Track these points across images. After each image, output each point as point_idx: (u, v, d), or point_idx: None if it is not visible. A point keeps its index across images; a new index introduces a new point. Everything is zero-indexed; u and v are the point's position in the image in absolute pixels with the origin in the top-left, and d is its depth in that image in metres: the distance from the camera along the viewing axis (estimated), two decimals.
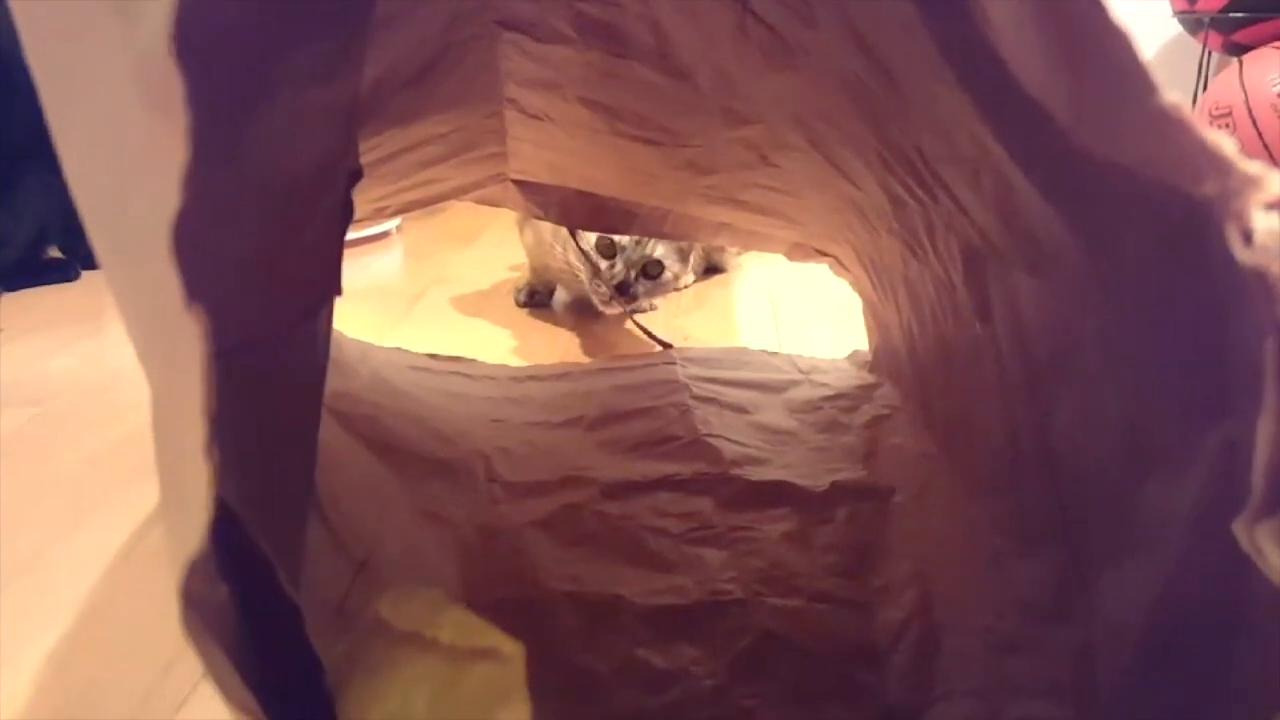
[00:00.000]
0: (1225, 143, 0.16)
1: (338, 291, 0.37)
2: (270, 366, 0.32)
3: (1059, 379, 0.40)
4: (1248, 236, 0.16)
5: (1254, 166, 0.16)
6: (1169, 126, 0.16)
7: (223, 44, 0.16)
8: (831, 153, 0.57)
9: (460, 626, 0.31)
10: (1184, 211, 0.17)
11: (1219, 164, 0.16)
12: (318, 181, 0.33)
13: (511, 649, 0.30)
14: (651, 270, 1.06)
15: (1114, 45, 0.16)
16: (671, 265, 1.09)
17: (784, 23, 0.45)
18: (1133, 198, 0.21)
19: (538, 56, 0.63)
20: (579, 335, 1.08)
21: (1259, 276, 0.16)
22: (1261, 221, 0.16)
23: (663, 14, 0.55)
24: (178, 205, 0.14)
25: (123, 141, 0.15)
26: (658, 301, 1.17)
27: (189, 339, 0.14)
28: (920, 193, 0.46)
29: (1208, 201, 0.16)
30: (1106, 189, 0.23)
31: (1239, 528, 0.18)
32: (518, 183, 0.87)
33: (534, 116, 0.72)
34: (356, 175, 0.37)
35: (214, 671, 0.18)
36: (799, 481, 0.65)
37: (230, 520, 0.20)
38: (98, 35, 0.15)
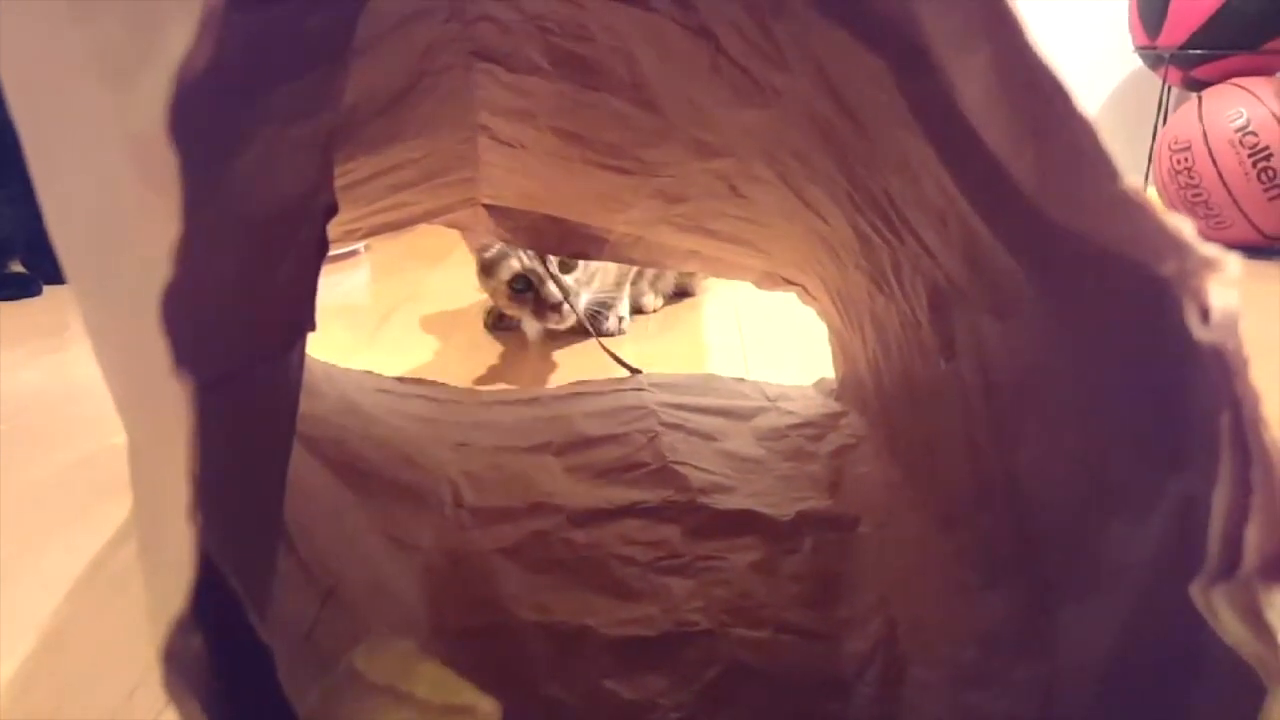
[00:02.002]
0: (1184, 226, 0.17)
1: (311, 326, 0.37)
2: (244, 400, 0.32)
3: (1023, 418, 0.40)
4: (1205, 314, 0.16)
5: (1210, 249, 0.17)
6: (1130, 210, 0.17)
7: (210, 103, 0.16)
8: (800, 188, 0.58)
9: (436, 682, 0.31)
10: (1143, 282, 0.18)
11: (1178, 246, 0.17)
12: (294, 216, 0.33)
13: (489, 707, 0.31)
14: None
15: (1078, 131, 0.17)
16: (616, 310, 1.12)
17: (755, 64, 0.46)
18: (1093, 263, 0.22)
19: (511, 86, 0.63)
20: (548, 359, 1.08)
21: (1215, 353, 0.16)
22: (1218, 300, 0.16)
23: (635, 49, 0.56)
24: (169, 277, 0.14)
25: (111, 204, 0.15)
26: (626, 325, 1.17)
27: (174, 401, 0.15)
28: (887, 233, 0.47)
29: (1167, 278, 0.17)
30: (1067, 251, 0.24)
31: (1195, 589, 0.19)
32: (488, 207, 0.87)
33: (506, 143, 0.72)
34: (331, 210, 0.37)
35: None
36: (765, 510, 0.66)
37: (206, 566, 0.20)
38: (88, 103, 0.15)
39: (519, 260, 1.05)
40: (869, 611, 0.55)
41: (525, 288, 1.06)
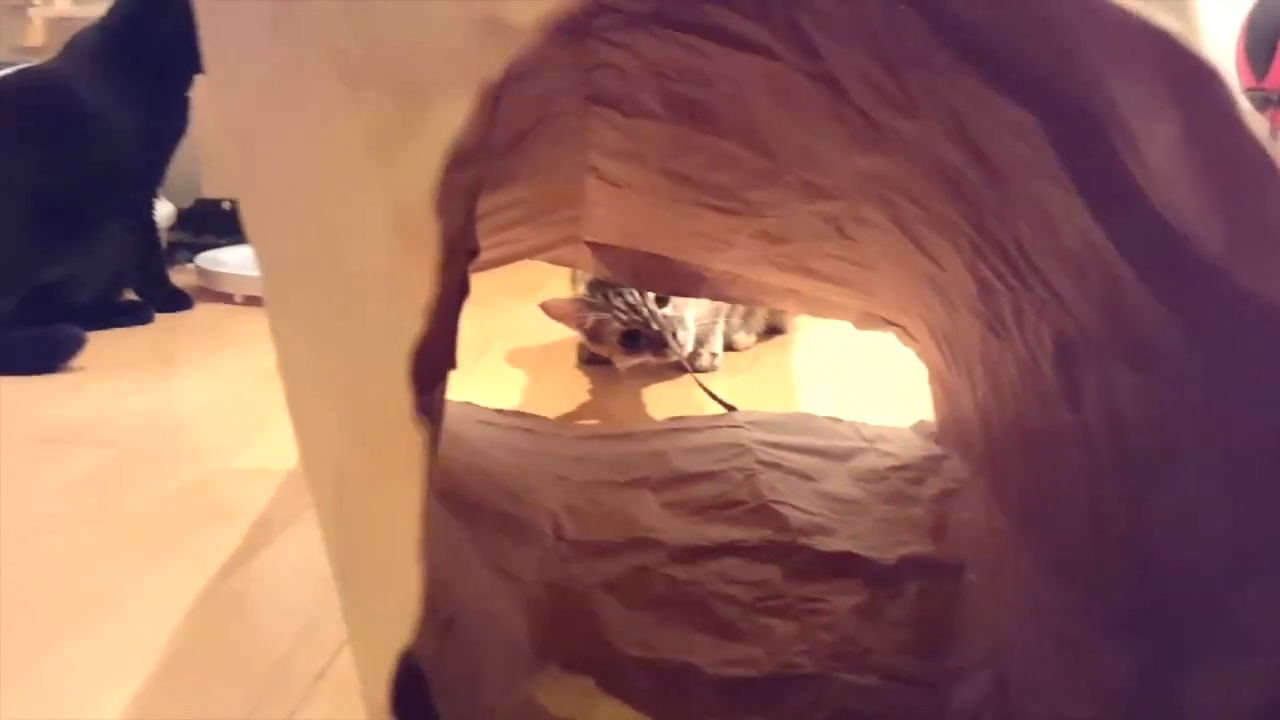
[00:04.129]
0: None
1: (453, 364, 0.38)
2: None
3: (1156, 473, 0.40)
4: None
5: None
6: None
7: None
8: (914, 231, 0.58)
9: (617, 718, 0.31)
10: None
11: None
12: (446, 258, 0.34)
13: None
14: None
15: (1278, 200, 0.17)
16: (710, 346, 1.17)
17: (880, 111, 0.47)
18: (1264, 323, 0.22)
19: (624, 129, 0.65)
20: (639, 395, 1.09)
21: None
22: None
23: (752, 94, 0.56)
24: (419, 332, 0.15)
25: (365, 266, 0.16)
26: (720, 362, 1.18)
27: (408, 445, 0.16)
28: (1012, 279, 0.47)
29: None
30: (1238, 307, 0.24)
31: None
32: (591, 245, 0.88)
33: (614, 184, 0.74)
34: (474, 253, 0.39)
35: None
36: (867, 554, 0.65)
37: None
38: (353, 174, 0.16)
39: (617, 318, 1.07)
40: (978, 663, 0.54)
41: (635, 338, 1.08)
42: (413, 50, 0.15)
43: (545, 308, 1.11)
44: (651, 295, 1.07)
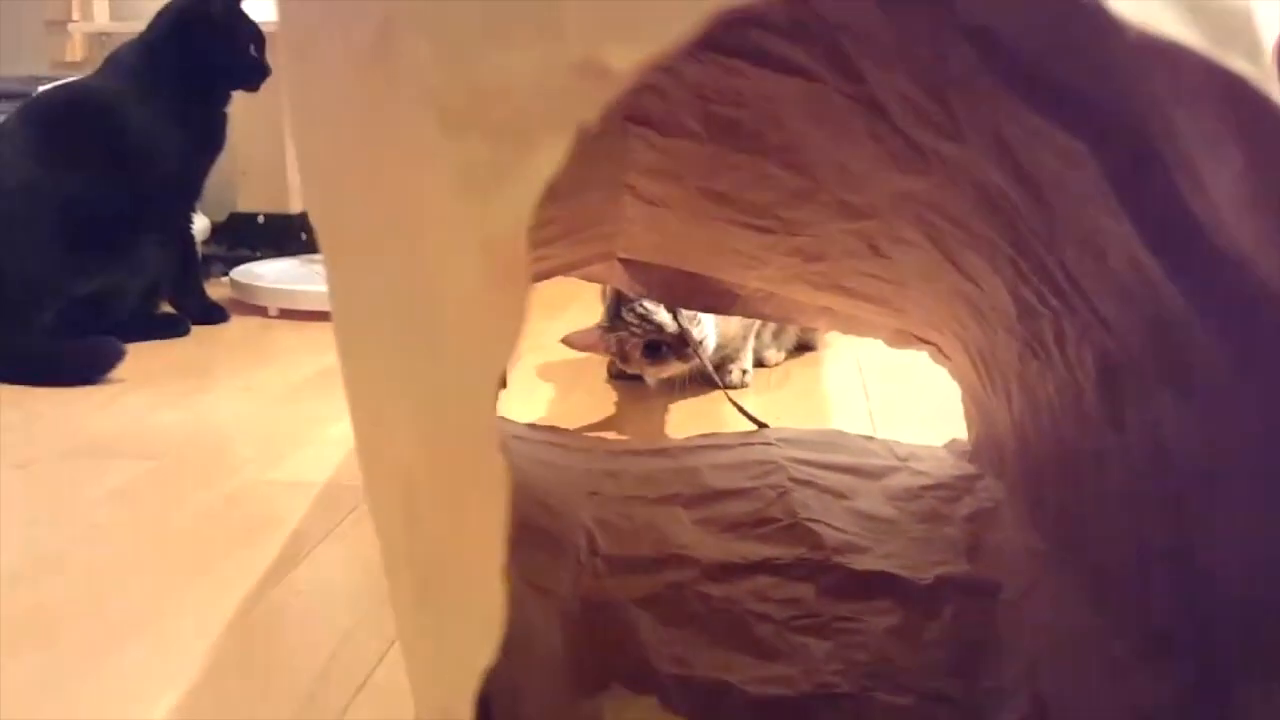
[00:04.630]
0: None
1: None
2: None
3: (1202, 495, 0.40)
4: None
5: None
6: None
7: None
8: (951, 250, 0.58)
9: None
10: None
11: None
12: None
13: None
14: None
15: None
16: (740, 362, 1.18)
17: (922, 133, 0.47)
18: None
19: (662, 148, 0.65)
20: (668, 410, 1.10)
21: None
22: None
23: (791, 115, 0.57)
24: (508, 359, 0.15)
25: (453, 297, 0.17)
26: (750, 379, 1.18)
27: (490, 472, 0.16)
28: (1055, 301, 0.47)
29: None
30: None
31: None
32: (625, 261, 0.89)
33: (651, 202, 0.74)
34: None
35: None
36: (902, 573, 0.65)
37: None
38: (444, 209, 0.17)
39: (632, 333, 1.09)
40: (1016, 683, 0.54)
41: (656, 348, 1.08)
42: (511, 94, 0.16)
43: (569, 342, 1.13)
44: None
